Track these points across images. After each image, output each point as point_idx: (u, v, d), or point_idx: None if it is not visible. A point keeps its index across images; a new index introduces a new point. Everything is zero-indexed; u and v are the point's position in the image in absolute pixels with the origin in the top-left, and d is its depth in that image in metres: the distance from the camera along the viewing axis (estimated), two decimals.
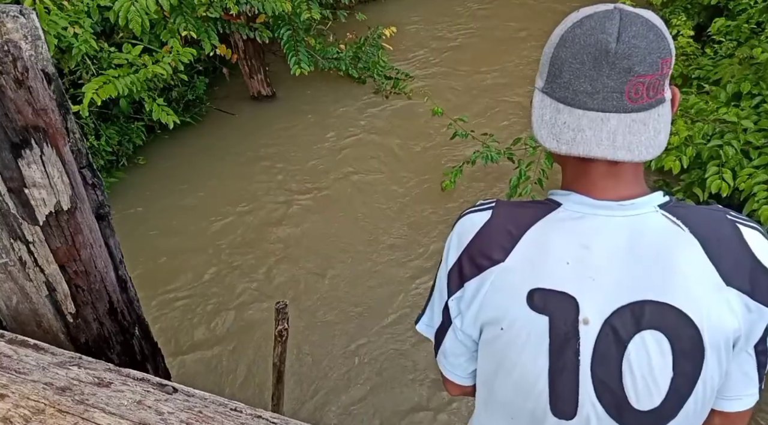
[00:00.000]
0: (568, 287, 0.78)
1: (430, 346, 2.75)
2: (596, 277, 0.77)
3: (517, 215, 0.83)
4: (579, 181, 0.81)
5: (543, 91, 0.80)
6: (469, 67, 5.05)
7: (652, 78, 0.73)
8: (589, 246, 0.78)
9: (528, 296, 0.79)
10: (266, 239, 3.46)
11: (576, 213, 0.80)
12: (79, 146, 1.27)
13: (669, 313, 0.75)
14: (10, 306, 1.26)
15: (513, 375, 0.83)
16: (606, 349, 0.77)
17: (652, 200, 0.79)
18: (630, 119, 0.73)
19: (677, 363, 0.76)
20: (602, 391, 0.78)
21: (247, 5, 3.75)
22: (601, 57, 0.72)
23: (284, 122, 4.52)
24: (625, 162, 0.75)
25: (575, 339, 0.77)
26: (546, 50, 0.80)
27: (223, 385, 2.65)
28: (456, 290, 0.86)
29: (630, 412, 0.78)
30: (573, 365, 0.78)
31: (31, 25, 1.07)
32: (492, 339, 0.84)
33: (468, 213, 0.88)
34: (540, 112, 0.79)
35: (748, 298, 0.76)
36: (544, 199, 0.86)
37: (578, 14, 0.76)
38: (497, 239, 0.82)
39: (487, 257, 0.82)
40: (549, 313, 0.78)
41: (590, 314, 0.77)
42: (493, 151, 3.29)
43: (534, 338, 0.79)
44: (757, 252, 0.77)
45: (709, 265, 0.75)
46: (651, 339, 0.75)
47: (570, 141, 0.74)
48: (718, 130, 2.72)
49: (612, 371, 0.77)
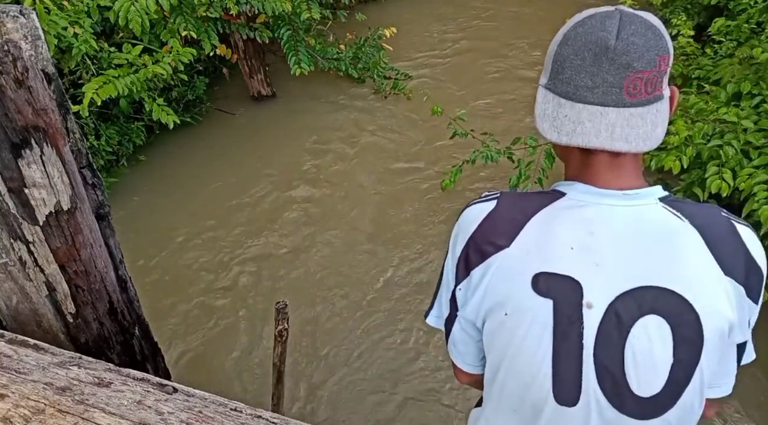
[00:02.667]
0: (572, 272, 0.79)
1: (432, 345, 2.73)
2: (600, 262, 0.79)
3: (521, 203, 0.86)
4: (583, 172, 0.84)
5: (546, 88, 0.83)
6: (469, 66, 5.05)
7: (650, 74, 0.76)
8: (593, 233, 0.80)
9: (533, 280, 0.80)
10: (267, 238, 3.46)
11: (580, 202, 0.82)
12: (79, 146, 1.27)
13: (671, 299, 0.77)
14: (10, 306, 1.26)
15: (516, 362, 0.84)
16: (609, 333, 0.78)
17: (653, 192, 0.82)
18: (628, 113, 0.77)
19: (677, 349, 0.77)
20: (604, 377, 0.79)
21: (247, 5, 3.75)
22: (600, 53, 0.76)
23: (284, 121, 4.52)
24: (625, 154, 0.79)
25: (579, 323, 0.79)
26: (550, 49, 0.83)
27: (222, 385, 2.65)
28: (463, 278, 0.88)
29: (630, 399, 0.79)
30: (576, 349, 0.79)
31: (31, 25, 1.07)
32: (496, 326, 0.85)
33: (473, 204, 0.90)
34: (543, 106, 0.82)
35: (742, 290, 0.79)
36: (549, 190, 0.88)
37: (581, 15, 0.80)
38: (502, 226, 0.84)
39: (491, 243, 0.84)
40: (553, 297, 0.79)
41: (594, 299, 0.78)
42: (492, 150, 3.29)
43: (538, 321, 0.80)
44: (751, 249, 0.81)
45: (709, 255, 0.78)
46: (653, 324, 0.77)
47: (570, 132, 0.78)
48: (718, 130, 2.72)
49: (614, 355, 0.78)
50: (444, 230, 3.40)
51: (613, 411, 0.80)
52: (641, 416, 0.80)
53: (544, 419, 0.84)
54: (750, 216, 2.50)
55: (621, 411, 0.80)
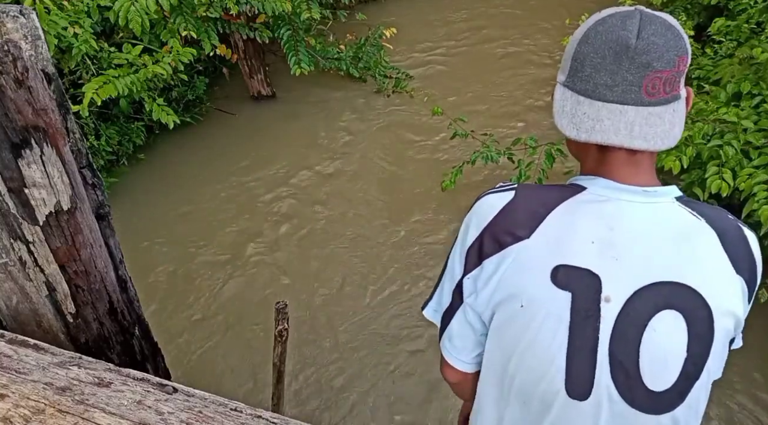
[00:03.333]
0: (592, 265, 0.80)
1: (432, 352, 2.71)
2: (619, 257, 0.80)
3: (542, 195, 0.86)
4: (601, 168, 0.85)
5: (564, 85, 0.84)
6: (469, 66, 5.04)
7: (669, 74, 0.77)
8: (613, 228, 0.80)
9: (552, 272, 0.80)
10: (267, 238, 3.46)
11: (601, 197, 0.83)
12: (79, 146, 1.27)
13: (687, 294, 0.78)
14: (10, 306, 1.26)
15: (528, 355, 0.84)
16: (625, 328, 0.79)
17: (670, 191, 0.83)
18: (647, 112, 0.77)
19: (690, 344, 0.78)
20: (617, 371, 0.79)
21: (247, 5, 3.75)
22: (621, 52, 0.76)
23: (284, 121, 4.52)
24: (642, 152, 0.80)
25: (596, 317, 0.79)
26: (568, 47, 0.84)
27: (222, 385, 2.65)
28: (473, 268, 0.88)
29: (642, 393, 0.79)
30: (592, 342, 0.79)
31: (31, 25, 1.07)
32: (508, 318, 0.85)
33: (488, 194, 0.90)
34: (561, 103, 0.83)
35: (747, 289, 0.82)
36: (568, 183, 0.88)
37: (601, 14, 0.81)
38: (522, 217, 0.84)
39: (510, 234, 0.84)
40: (572, 289, 0.80)
41: (612, 293, 0.79)
42: (493, 151, 3.29)
43: (554, 314, 0.80)
44: (755, 253, 0.83)
45: (723, 254, 0.80)
46: (669, 318, 0.78)
47: (590, 130, 0.78)
48: (718, 130, 2.72)
49: (630, 350, 0.79)
50: (442, 230, 3.40)
51: (624, 405, 0.80)
52: (652, 410, 0.80)
53: (554, 413, 0.84)
54: (750, 216, 2.50)
55: (632, 406, 0.80)
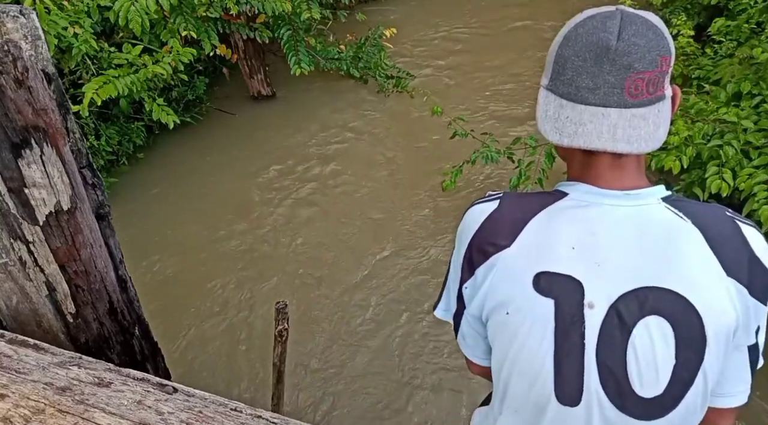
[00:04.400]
0: (574, 271, 0.79)
1: (436, 345, 2.72)
2: (602, 262, 0.79)
3: (523, 203, 0.86)
4: (585, 173, 0.84)
5: (547, 89, 0.83)
6: (470, 66, 5.04)
7: (652, 75, 0.76)
8: (595, 233, 0.80)
9: (534, 279, 0.80)
10: (267, 238, 3.46)
11: (582, 202, 0.82)
12: (79, 146, 1.27)
13: (673, 299, 0.77)
14: (10, 306, 1.26)
15: (519, 361, 0.84)
16: (611, 333, 0.78)
17: (655, 192, 0.82)
18: (630, 113, 0.76)
19: (680, 350, 0.77)
20: (606, 376, 0.79)
21: (247, 5, 3.75)
22: (602, 54, 0.75)
23: (284, 121, 4.52)
24: (627, 155, 0.79)
25: (580, 323, 0.79)
26: (551, 50, 0.83)
27: (222, 385, 2.65)
28: (468, 277, 0.89)
29: (633, 400, 0.79)
30: (578, 348, 0.79)
31: (31, 25, 1.07)
32: (499, 325, 0.85)
33: (476, 204, 0.90)
34: (544, 108, 0.82)
35: (745, 291, 0.78)
36: (551, 190, 0.88)
37: (581, 15, 0.80)
38: (503, 226, 0.85)
39: (493, 244, 0.84)
40: (555, 296, 0.79)
41: (595, 299, 0.78)
42: (492, 150, 3.29)
43: (540, 321, 0.80)
44: (756, 249, 0.80)
45: (711, 255, 0.78)
46: (655, 324, 0.77)
47: (572, 134, 0.78)
48: (718, 130, 2.72)
49: (616, 355, 0.78)
50: (442, 230, 3.40)
51: (615, 411, 0.80)
52: (644, 416, 0.79)
53: (547, 419, 0.84)
54: (750, 216, 2.50)
55: (623, 412, 0.79)
